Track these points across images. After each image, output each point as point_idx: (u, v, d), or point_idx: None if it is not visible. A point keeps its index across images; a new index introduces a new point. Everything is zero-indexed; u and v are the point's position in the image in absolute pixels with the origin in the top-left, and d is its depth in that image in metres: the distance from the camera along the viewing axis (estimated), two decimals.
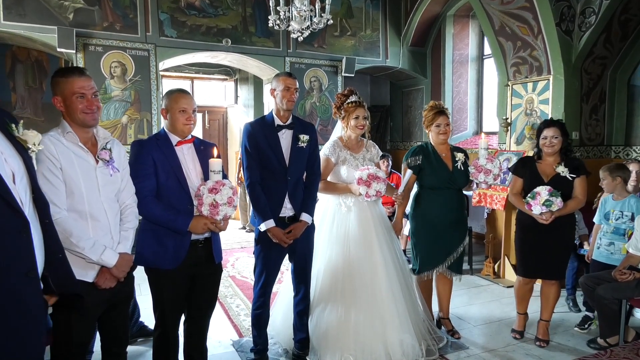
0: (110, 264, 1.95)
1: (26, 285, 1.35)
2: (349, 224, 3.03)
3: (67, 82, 1.93)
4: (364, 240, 2.99)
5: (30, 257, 1.37)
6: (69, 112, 1.93)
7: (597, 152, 5.34)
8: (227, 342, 3.34)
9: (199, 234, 2.28)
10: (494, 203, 4.72)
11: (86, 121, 1.95)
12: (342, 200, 3.08)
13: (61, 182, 1.85)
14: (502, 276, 4.82)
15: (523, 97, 5.49)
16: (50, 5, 5.44)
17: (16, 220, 1.33)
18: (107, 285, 1.97)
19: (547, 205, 3.03)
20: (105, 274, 1.96)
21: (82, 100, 1.93)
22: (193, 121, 2.35)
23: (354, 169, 3.03)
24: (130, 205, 2.14)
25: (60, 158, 1.87)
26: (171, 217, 2.22)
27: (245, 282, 4.77)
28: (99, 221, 1.96)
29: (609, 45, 5.02)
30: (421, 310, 3.23)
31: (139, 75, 5.96)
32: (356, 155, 3.11)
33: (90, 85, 1.96)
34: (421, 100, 7.99)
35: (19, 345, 1.34)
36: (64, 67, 2.03)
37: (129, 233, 2.11)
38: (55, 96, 1.95)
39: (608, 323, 3.16)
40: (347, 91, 3.14)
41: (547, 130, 3.20)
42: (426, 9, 7.13)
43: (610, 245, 3.51)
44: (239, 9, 6.51)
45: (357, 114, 3.04)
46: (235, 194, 2.25)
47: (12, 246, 1.32)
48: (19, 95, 6.81)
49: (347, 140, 3.13)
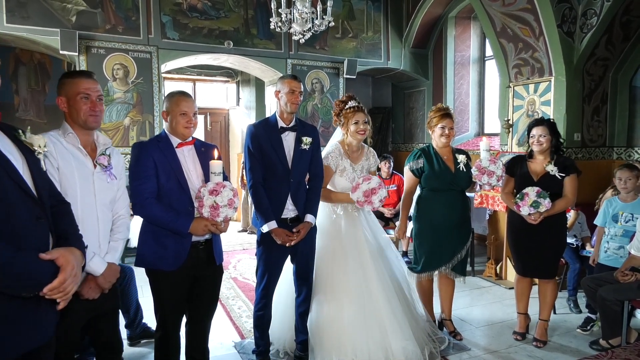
0: (97, 272, 1.90)
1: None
2: (338, 230, 3.02)
3: (73, 82, 1.94)
4: (355, 247, 2.98)
5: (46, 242, 1.43)
6: (72, 112, 1.94)
7: (599, 153, 5.34)
8: (229, 343, 3.34)
9: (200, 235, 2.29)
10: (496, 204, 4.72)
11: (88, 123, 1.95)
12: (333, 207, 3.07)
13: (56, 182, 1.83)
14: (504, 278, 4.82)
15: (525, 98, 5.49)
16: (53, 7, 5.47)
17: (35, 207, 1.39)
18: (91, 296, 1.90)
19: (535, 207, 3.06)
20: (90, 282, 1.89)
21: (87, 102, 1.94)
22: (194, 124, 2.36)
23: (349, 182, 3.00)
24: (123, 216, 2.12)
25: (58, 158, 1.87)
26: (172, 219, 2.22)
27: (247, 283, 4.78)
28: (89, 227, 1.91)
29: (611, 46, 5.02)
30: (421, 314, 3.23)
31: (141, 78, 5.98)
32: (355, 165, 3.08)
33: (96, 88, 1.98)
34: (423, 102, 8.00)
35: (37, 323, 1.40)
36: (73, 70, 2.04)
37: (119, 244, 2.09)
38: (59, 96, 1.96)
39: (610, 324, 3.16)
40: (345, 97, 3.12)
41: (535, 129, 3.24)
42: (428, 10, 7.14)
43: (620, 249, 3.48)
44: (241, 11, 6.52)
45: (356, 119, 3.01)
46: (235, 196, 2.25)
47: (33, 232, 1.38)
48: (22, 98, 6.83)
49: (349, 146, 3.10)
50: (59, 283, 1.34)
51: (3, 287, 1.27)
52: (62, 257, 1.37)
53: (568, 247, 4.00)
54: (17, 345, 1.34)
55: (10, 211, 1.31)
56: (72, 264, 1.38)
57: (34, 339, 1.39)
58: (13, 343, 1.33)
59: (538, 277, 3.36)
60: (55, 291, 1.34)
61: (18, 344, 1.34)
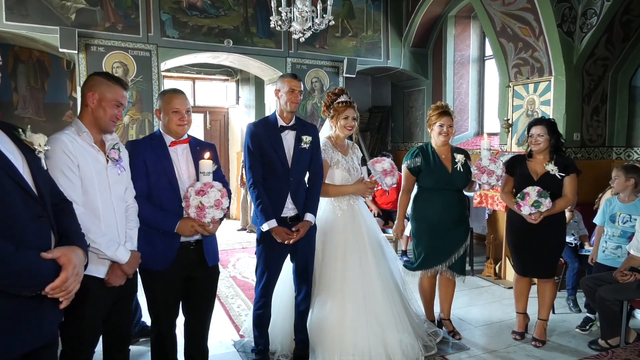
0: (123, 261, 1.99)
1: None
2: (342, 227, 3.03)
3: (112, 88, 2.01)
4: (356, 243, 3.00)
5: (48, 241, 1.43)
6: (99, 112, 1.99)
7: (599, 153, 5.34)
8: (229, 342, 3.34)
9: (187, 236, 2.27)
10: (495, 204, 4.72)
11: (108, 127, 2.04)
12: (336, 203, 3.08)
13: (78, 179, 1.90)
14: (503, 277, 4.82)
15: (524, 98, 5.49)
16: (52, 5, 5.45)
17: (35, 206, 1.39)
18: (118, 283, 2.01)
19: (536, 206, 3.06)
20: (116, 270, 2.00)
21: (116, 110, 2.02)
22: (187, 121, 2.34)
23: (346, 172, 3.05)
24: (132, 204, 2.18)
25: (78, 156, 1.91)
26: (159, 218, 2.23)
27: (247, 282, 4.77)
28: (109, 219, 2.00)
29: (611, 46, 5.02)
30: (415, 311, 3.25)
31: (141, 76, 5.96)
32: (346, 157, 3.11)
33: (126, 99, 2.08)
34: (422, 101, 7.99)
35: (38, 323, 1.39)
36: (109, 73, 2.16)
37: (134, 232, 2.15)
38: (92, 92, 1.99)
39: (609, 324, 3.16)
40: (337, 90, 3.14)
41: (533, 129, 3.25)
42: (427, 9, 7.13)
43: (617, 248, 3.49)
44: (241, 10, 6.51)
45: (346, 114, 3.03)
46: (224, 197, 2.21)
47: (34, 231, 1.38)
48: (21, 95, 6.82)
49: (336, 139, 3.13)
50: (60, 282, 1.34)
51: (4, 286, 1.27)
52: (63, 255, 1.37)
53: (567, 247, 4.01)
54: (18, 345, 1.33)
55: (10, 210, 1.31)
56: (74, 263, 1.38)
57: (36, 339, 1.38)
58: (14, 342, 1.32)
59: (537, 276, 3.36)
60: (57, 290, 1.34)
61: (19, 344, 1.34)
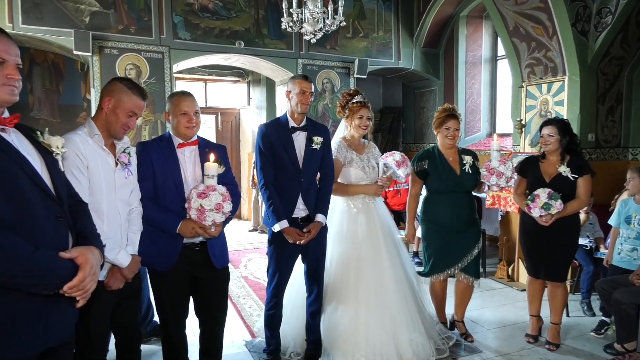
0: (123, 264, 2.01)
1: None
2: (357, 226, 3.03)
3: (130, 97, 2.01)
4: (371, 241, 3.01)
5: (66, 241, 1.46)
6: (112, 118, 2.00)
7: (614, 154, 5.26)
8: (240, 342, 3.35)
9: (188, 237, 2.27)
10: (508, 205, 4.67)
11: (119, 134, 2.04)
12: (350, 202, 3.08)
13: (86, 180, 1.92)
14: (516, 279, 4.77)
15: (537, 98, 5.43)
16: (67, 8, 5.53)
17: (54, 206, 1.42)
18: (117, 286, 2.02)
19: (546, 209, 3.02)
20: (116, 274, 2.01)
21: (130, 119, 2.03)
22: (196, 123, 2.35)
23: (361, 170, 3.06)
24: (136, 207, 2.19)
25: (88, 157, 1.93)
26: (162, 218, 2.24)
27: (258, 282, 4.79)
28: (113, 222, 2.02)
29: (626, 45, 4.94)
30: (429, 313, 3.23)
31: (154, 78, 6.02)
32: (361, 156, 3.12)
33: (142, 110, 2.08)
34: (434, 101, 7.95)
35: (55, 322, 1.42)
36: (132, 80, 2.14)
37: (136, 236, 2.16)
38: (109, 97, 2.00)
39: (625, 328, 3.11)
40: (352, 91, 3.18)
41: (544, 129, 3.21)
42: (439, 10, 7.09)
43: (633, 251, 3.43)
44: (252, 12, 6.54)
45: (361, 114, 3.07)
46: (225, 201, 2.20)
47: (53, 231, 1.40)
48: (36, 97, 6.93)
49: (351, 139, 3.15)
50: (78, 281, 1.36)
51: (23, 284, 1.29)
52: (81, 255, 1.39)
53: (582, 249, 3.95)
54: (36, 343, 1.36)
55: (30, 210, 1.33)
56: (91, 263, 1.40)
57: (54, 337, 1.41)
58: (33, 340, 1.34)
59: (548, 279, 3.31)
60: (75, 289, 1.36)
61: (38, 342, 1.36)
